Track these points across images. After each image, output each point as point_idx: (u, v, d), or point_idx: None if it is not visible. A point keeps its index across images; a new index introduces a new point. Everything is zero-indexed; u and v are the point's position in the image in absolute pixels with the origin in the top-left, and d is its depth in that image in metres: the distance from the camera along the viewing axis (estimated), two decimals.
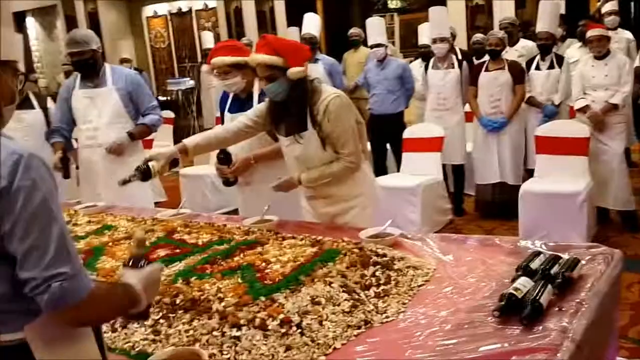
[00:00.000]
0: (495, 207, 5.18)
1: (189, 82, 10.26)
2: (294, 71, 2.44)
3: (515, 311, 1.59)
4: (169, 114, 7.73)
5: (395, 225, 4.61)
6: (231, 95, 3.13)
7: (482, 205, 5.35)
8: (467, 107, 5.46)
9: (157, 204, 4.58)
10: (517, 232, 4.30)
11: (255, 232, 2.47)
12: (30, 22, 12.97)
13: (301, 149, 2.57)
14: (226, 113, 3.12)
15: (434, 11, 5.44)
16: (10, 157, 1.16)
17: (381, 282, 1.87)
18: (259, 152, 2.94)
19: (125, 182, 2.36)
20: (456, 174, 5.53)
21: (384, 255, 2.07)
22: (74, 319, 1.20)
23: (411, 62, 7.13)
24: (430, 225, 4.79)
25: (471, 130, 5.40)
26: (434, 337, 1.55)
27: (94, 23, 11.18)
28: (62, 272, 1.15)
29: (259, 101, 3.03)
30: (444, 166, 5.22)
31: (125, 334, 1.72)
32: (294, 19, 8.97)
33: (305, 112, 2.53)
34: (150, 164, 2.40)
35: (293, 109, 2.54)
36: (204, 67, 3.19)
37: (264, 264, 2.05)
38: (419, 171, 4.97)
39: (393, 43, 10.81)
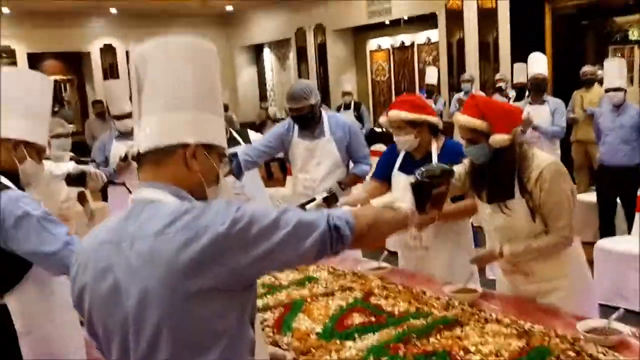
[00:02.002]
0: None
1: None
2: (497, 139, 2.26)
3: None
4: (381, 147, 7.83)
5: (621, 296, 4.10)
6: (403, 153, 2.99)
7: None
8: None
9: None
10: None
11: (456, 306, 2.29)
12: (267, 54, 14.25)
13: (506, 219, 2.35)
14: (396, 171, 2.98)
15: None
16: (225, 204, 1.23)
17: None
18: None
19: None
20: None
21: None
22: (363, 240, 1.39)
23: None
24: None
25: None
26: None
27: (321, 55, 11.88)
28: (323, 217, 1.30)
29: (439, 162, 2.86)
30: None
31: None
32: (519, 53, 8.53)
33: (512, 179, 2.31)
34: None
35: (498, 175, 2.34)
36: (382, 119, 3.08)
37: (462, 352, 1.87)
38: None
39: (631, 78, 9.76)
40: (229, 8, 12.55)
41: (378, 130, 10.78)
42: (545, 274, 2.39)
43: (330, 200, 2.86)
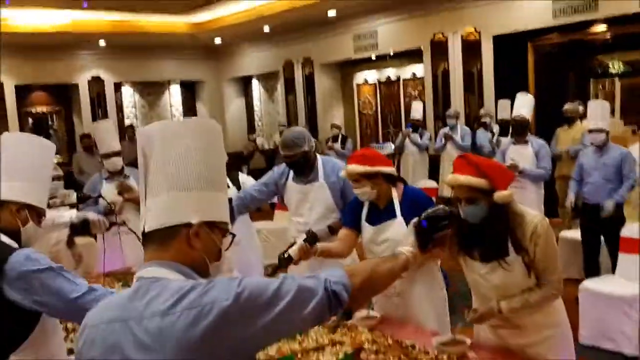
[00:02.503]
0: None
1: (391, 147, 10.44)
2: (501, 195, 2.30)
3: None
4: None
5: (608, 338, 4.14)
6: (367, 204, 3.10)
7: None
8: None
9: None
10: None
11: None
12: (255, 86, 14.35)
13: (503, 277, 2.39)
14: (363, 222, 3.09)
15: None
16: (227, 280, 1.27)
17: None
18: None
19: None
20: None
21: None
22: (359, 298, 1.46)
23: (634, 132, 6.43)
24: None
25: None
26: None
27: (309, 87, 11.99)
28: (320, 283, 1.36)
29: (402, 210, 2.97)
30: None
31: None
32: (502, 88, 8.69)
33: (507, 236, 2.36)
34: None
35: (493, 234, 2.38)
36: (342, 173, 3.21)
37: None
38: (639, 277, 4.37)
39: (613, 110, 9.97)
40: (218, 41, 12.67)
41: None
42: (536, 324, 2.44)
43: (310, 240, 2.93)
